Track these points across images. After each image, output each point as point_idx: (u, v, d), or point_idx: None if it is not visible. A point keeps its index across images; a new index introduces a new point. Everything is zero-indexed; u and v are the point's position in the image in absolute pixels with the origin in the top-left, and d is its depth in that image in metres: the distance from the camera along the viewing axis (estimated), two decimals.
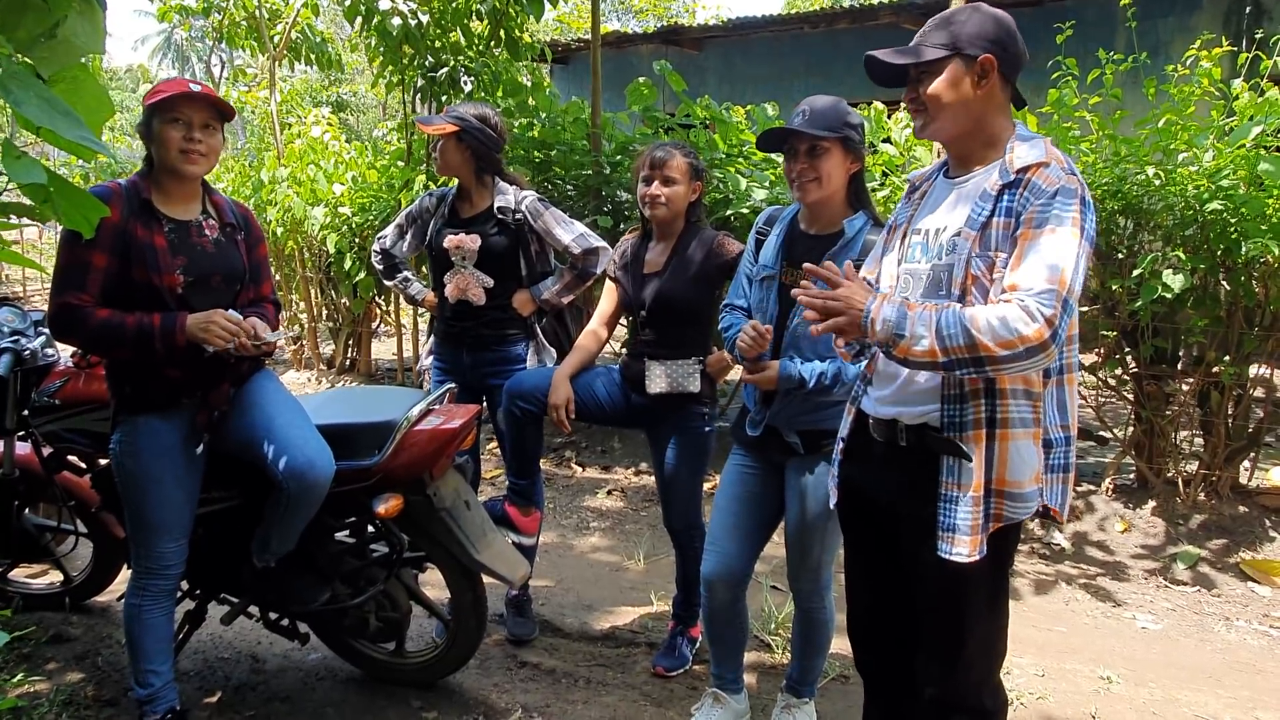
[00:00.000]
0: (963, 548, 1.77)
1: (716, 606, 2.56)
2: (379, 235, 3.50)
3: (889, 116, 5.05)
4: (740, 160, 5.23)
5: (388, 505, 2.54)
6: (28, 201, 1.44)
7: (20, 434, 2.99)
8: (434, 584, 2.97)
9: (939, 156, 4.57)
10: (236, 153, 12.44)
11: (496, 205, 3.14)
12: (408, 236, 3.39)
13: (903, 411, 1.88)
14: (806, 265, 1.82)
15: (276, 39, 8.27)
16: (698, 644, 3.10)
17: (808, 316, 1.79)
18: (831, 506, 2.12)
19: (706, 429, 2.89)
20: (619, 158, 5.41)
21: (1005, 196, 1.74)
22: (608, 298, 3.05)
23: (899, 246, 1.95)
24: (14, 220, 1.70)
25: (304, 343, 8.09)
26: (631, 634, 3.34)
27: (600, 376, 2.97)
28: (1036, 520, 4.09)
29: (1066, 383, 1.86)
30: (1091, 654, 3.28)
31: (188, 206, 2.42)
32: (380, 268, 3.51)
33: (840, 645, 2.51)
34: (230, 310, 2.36)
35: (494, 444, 4.91)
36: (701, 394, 2.82)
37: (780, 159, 2.53)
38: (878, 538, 2.03)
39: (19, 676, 2.87)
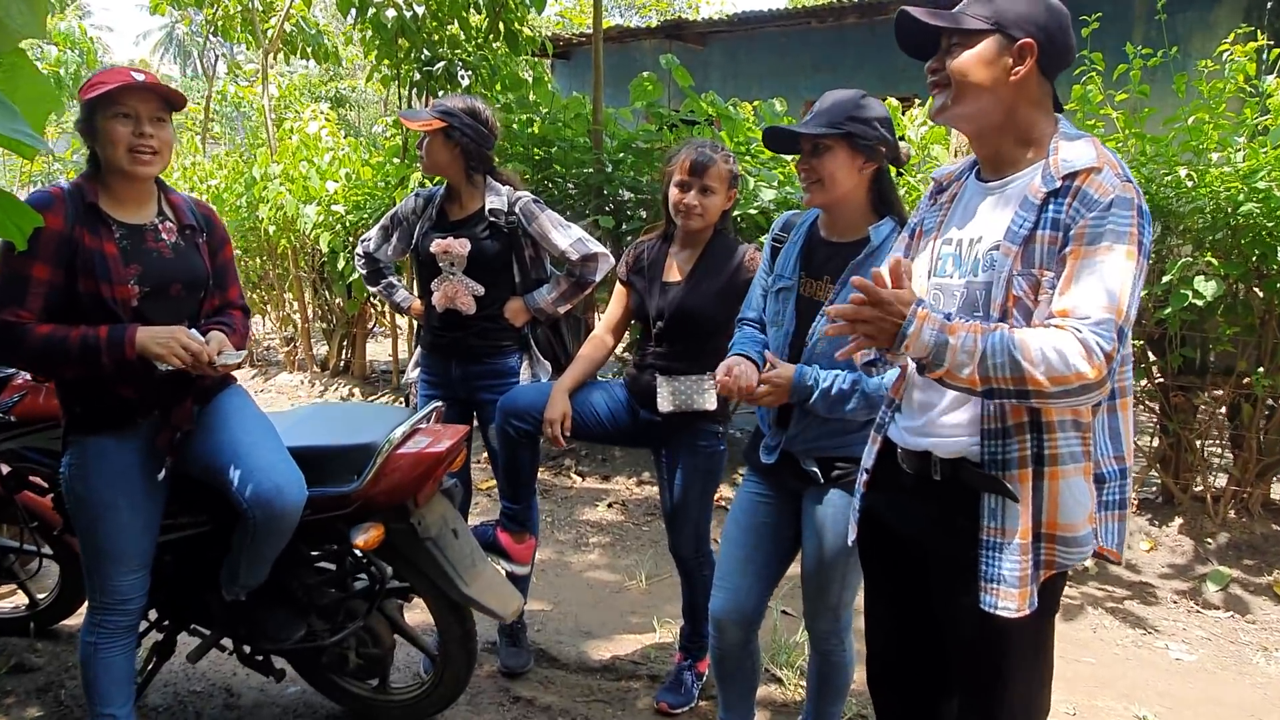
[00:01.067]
0: (1010, 601, 1.57)
1: (726, 647, 2.35)
2: (363, 238, 3.28)
3: (903, 113, 4.83)
4: (747, 158, 5.03)
5: (367, 536, 2.33)
6: None
7: None
8: (421, 610, 2.77)
9: (955, 156, 4.37)
10: (233, 149, 12.25)
11: (488, 207, 2.92)
12: (393, 239, 3.16)
13: (937, 444, 1.68)
14: (855, 279, 1.52)
15: (270, 32, 8.06)
16: (705, 679, 2.88)
17: (834, 330, 1.58)
18: (850, 542, 1.92)
19: (719, 448, 2.69)
20: (621, 155, 5.22)
21: (1050, 206, 1.53)
22: (617, 302, 2.84)
23: (929, 258, 1.74)
24: None
25: (297, 344, 7.89)
26: (633, 665, 3.13)
27: (600, 390, 2.76)
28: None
29: (1120, 409, 1.65)
30: (1124, 688, 3.07)
31: (141, 209, 2.19)
32: (364, 272, 3.30)
33: (860, 682, 2.30)
34: (193, 330, 2.14)
35: (486, 455, 4.71)
36: (715, 411, 2.61)
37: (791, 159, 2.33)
38: (903, 576, 1.84)
39: None
